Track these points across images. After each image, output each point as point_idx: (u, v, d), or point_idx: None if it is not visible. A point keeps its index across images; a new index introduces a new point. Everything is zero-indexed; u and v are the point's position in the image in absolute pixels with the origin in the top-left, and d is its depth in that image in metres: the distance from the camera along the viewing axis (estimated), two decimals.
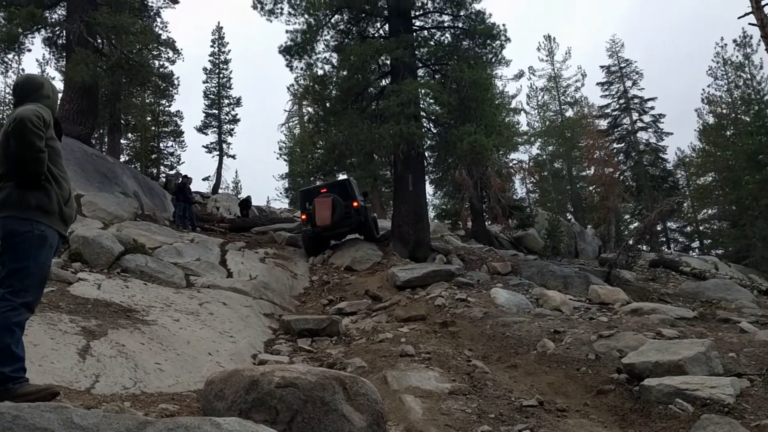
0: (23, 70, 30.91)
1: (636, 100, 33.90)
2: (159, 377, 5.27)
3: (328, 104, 17.33)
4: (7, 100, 30.56)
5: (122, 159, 26.86)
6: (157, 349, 5.91)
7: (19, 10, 17.80)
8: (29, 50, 21.04)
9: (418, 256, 14.19)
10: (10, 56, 22.71)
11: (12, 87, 3.92)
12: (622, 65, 34.61)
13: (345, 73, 15.92)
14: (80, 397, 4.24)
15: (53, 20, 19.94)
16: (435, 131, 16.58)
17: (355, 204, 14.66)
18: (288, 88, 38.59)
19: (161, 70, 21.99)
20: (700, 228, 36.52)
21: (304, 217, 15.00)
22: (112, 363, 5.18)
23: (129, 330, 6.14)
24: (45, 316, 5.64)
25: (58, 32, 20.34)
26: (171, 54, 21.29)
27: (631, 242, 16.66)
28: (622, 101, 34.21)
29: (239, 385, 3.65)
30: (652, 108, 33.40)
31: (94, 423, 2.31)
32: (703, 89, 35.58)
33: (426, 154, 16.69)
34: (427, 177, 18.62)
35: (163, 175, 29.82)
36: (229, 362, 6.11)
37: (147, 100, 30.96)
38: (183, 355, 6.00)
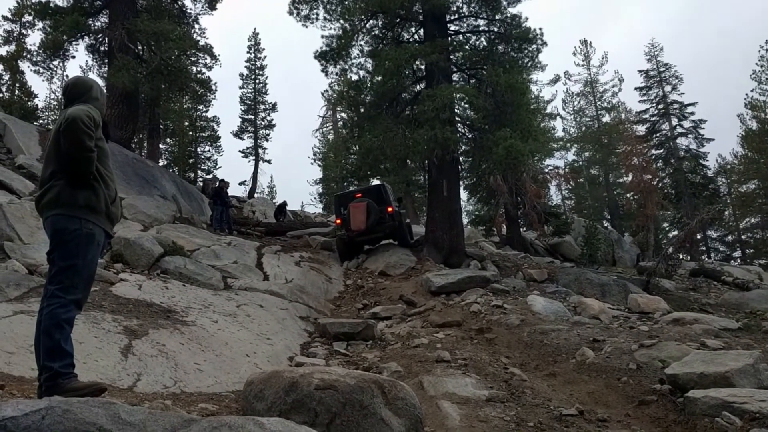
0: (67, 76, 31.82)
1: (675, 106, 33.17)
2: (198, 377, 5.33)
3: (362, 109, 17.39)
4: (52, 106, 31.43)
5: (161, 163, 27.40)
6: (196, 349, 5.98)
7: (64, 18, 18.37)
8: (73, 57, 21.76)
9: (452, 262, 14.10)
10: (55, 63, 23.42)
11: (62, 88, 3.98)
12: (661, 69, 33.90)
13: (380, 78, 15.92)
14: (123, 394, 4.31)
15: (96, 28, 20.55)
16: (470, 136, 16.46)
17: (390, 209, 14.67)
18: (322, 94, 38.94)
19: (199, 75, 22.41)
20: (743, 237, 35.53)
21: (338, 221, 15.06)
22: (153, 362, 5.26)
23: (169, 330, 6.22)
24: (89, 315, 5.76)
25: (100, 39, 20.94)
26: (209, 60, 21.78)
27: (670, 251, 16.21)
28: (661, 106, 33.50)
29: (279, 386, 3.67)
30: (693, 113, 32.64)
31: (140, 419, 2.33)
32: (747, 94, 34.55)
33: (460, 159, 16.61)
34: (461, 182, 18.53)
35: (201, 179, 30.34)
36: (266, 364, 6.15)
37: (185, 106, 31.55)
38: (221, 356, 6.06)
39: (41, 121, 26.57)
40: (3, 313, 5.40)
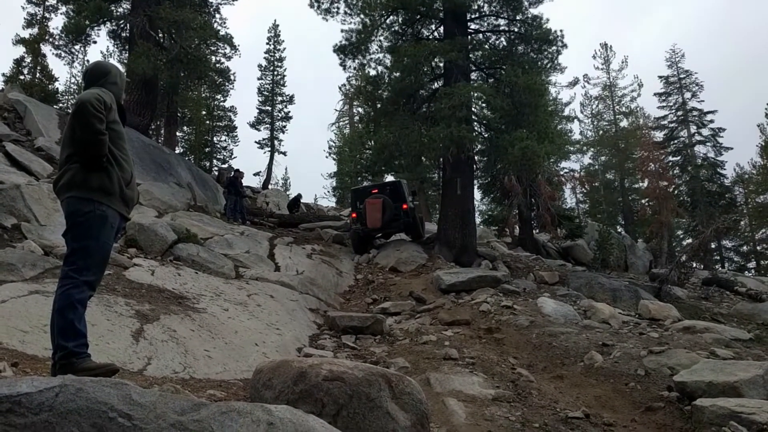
0: (88, 61, 32.05)
1: (695, 113, 32.86)
2: (207, 364, 5.38)
3: (379, 105, 17.40)
4: (72, 89, 31.67)
5: (177, 151, 27.52)
6: (206, 336, 6.03)
7: (87, 3, 18.48)
8: (95, 42, 21.84)
9: (464, 261, 14.09)
10: (76, 47, 23.64)
11: (83, 73, 4.02)
12: (682, 76, 33.59)
13: (398, 74, 15.92)
14: (133, 377, 4.36)
15: (118, 14, 20.58)
16: (486, 135, 16.41)
17: (405, 206, 14.85)
18: (340, 88, 38.98)
19: (218, 65, 22.46)
20: (758, 248, 35.12)
21: (354, 215, 15.22)
22: (164, 347, 5.31)
23: (180, 316, 6.28)
24: (102, 298, 5.83)
25: (122, 25, 21.01)
26: (228, 50, 21.80)
27: (683, 259, 16.10)
28: (679, 113, 33.21)
29: (287, 376, 3.68)
30: (712, 121, 32.33)
31: (151, 401, 2.36)
32: None
33: (475, 158, 16.56)
34: (475, 181, 18.48)
35: (216, 168, 30.46)
36: (275, 354, 6.19)
37: (203, 95, 31.66)
38: (231, 344, 6.11)
39: (61, 105, 26.76)
40: (18, 293, 5.48)
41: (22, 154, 11.68)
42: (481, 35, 16.81)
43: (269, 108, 32.56)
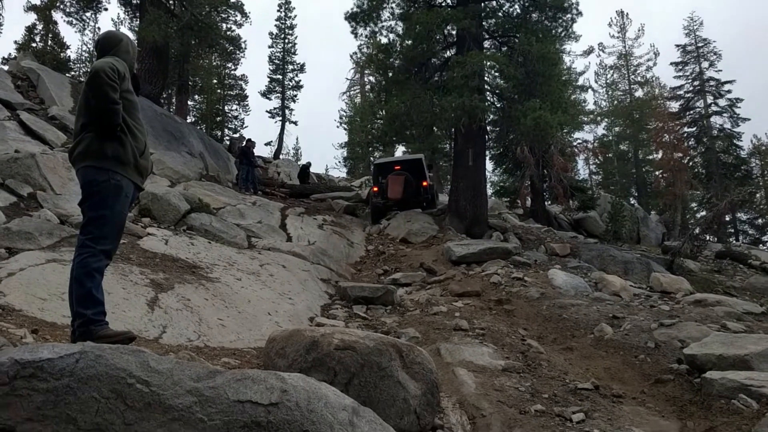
0: (99, 28, 31.97)
1: (712, 83, 32.22)
2: (221, 332, 5.46)
3: (390, 74, 17.20)
4: (84, 57, 31.62)
5: (189, 120, 27.51)
6: (219, 305, 6.11)
7: None
8: (105, 9, 21.77)
9: (475, 232, 14.09)
10: (87, 14, 23.56)
11: (94, 43, 4.02)
12: (699, 45, 32.88)
13: (409, 42, 15.71)
14: (149, 345, 4.44)
15: None
16: (498, 105, 16.23)
17: (425, 183, 15.31)
18: (351, 57, 38.59)
19: (229, 32, 22.32)
20: None
21: (375, 189, 15.55)
22: (179, 316, 5.39)
23: (194, 285, 6.36)
24: (117, 267, 5.90)
25: None
26: (239, 17, 21.67)
27: (697, 231, 16.00)
28: (696, 83, 32.59)
29: (300, 345, 3.75)
30: (729, 91, 31.67)
31: (168, 368, 2.41)
32: None
33: (488, 128, 16.43)
34: (487, 152, 18.37)
35: (227, 137, 30.45)
36: (288, 323, 6.26)
37: (214, 63, 31.51)
38: (244, 313, 6.19)
39: (73, 73, 26.76)
40: (36, 261, 5.56)
41: (36, 123, 11.74)
42: (494, 2, 16.49)
43: (280, 77, 32.38)
